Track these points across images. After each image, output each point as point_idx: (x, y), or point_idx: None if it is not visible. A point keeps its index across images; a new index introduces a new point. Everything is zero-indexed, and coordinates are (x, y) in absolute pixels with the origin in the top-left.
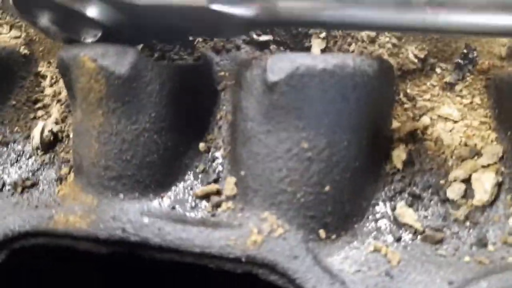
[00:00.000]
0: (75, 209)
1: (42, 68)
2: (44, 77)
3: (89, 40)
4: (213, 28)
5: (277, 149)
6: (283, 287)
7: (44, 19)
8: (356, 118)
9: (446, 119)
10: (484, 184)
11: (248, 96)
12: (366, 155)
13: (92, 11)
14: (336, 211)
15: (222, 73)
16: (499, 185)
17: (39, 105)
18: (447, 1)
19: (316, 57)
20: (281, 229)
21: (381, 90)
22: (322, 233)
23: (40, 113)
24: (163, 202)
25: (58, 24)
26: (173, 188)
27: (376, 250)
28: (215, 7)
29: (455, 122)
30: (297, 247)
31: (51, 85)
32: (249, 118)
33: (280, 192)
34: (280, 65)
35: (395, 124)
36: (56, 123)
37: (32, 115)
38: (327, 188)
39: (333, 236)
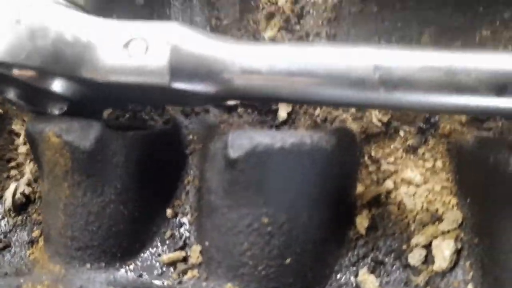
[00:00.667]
0: (42, 279)
1: (16, 126)
2: (18, 135)
3: (56, 112)
4: (176, 101)
5: (239, 224)
6: None
7: (11, 94)
8: (316, 192)
9: (409, 183)
10: (444, 252)
11: (211, 168)
12: (328, 225)
13: (56, 87)
14: (298, 282)
15: (191, 137)
16: (458, 251)
17: (12, 164)
18: (401, 82)
19: (274, 135)
20: None
21: (342, 161)
22: None
23: (13, 172)
24: (130, 271)
25: (24, 99)
26: (140, 255)
27: None
28: (176, 85)
29: (418, 186)
30: None
31: (24, 143)
32: (212, 190)
33: (242, 265)
34: (240, 142)
35: (360, 188)
36: (29, 184)
37: (5, 175)
38: (288, 260)
39: None
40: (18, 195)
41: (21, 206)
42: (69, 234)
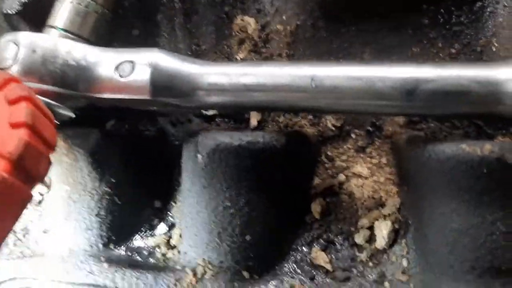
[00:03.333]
0: None
1: None
2: None
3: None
4: (160, 109)
5: (207, 207)
6: None
7: None
8: (271, 181)
9: (358, 176)
10: (383, 231)
11: (186, 162)
12: (285, 209)
13: (63, 101)
14: (258, 256)
15: (177, 142)
16: (395, 231)
17: None
18: (332, 89)
19: (233, 135)
20: (211, 271)
21: (295, 157)
22: (246, 274)
23: None
24: (123, 251)
25: None
26: (132, 239)
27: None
28: (156, 99)
29: (366, 178)
30: (223, 286)
31: None
32: (187, 181)
33: (210, 242)
34: (206, 141)
35: (317, 180)
36: None
37: None
38: (248, 237)
39: (256, 276)
40: None
41: None
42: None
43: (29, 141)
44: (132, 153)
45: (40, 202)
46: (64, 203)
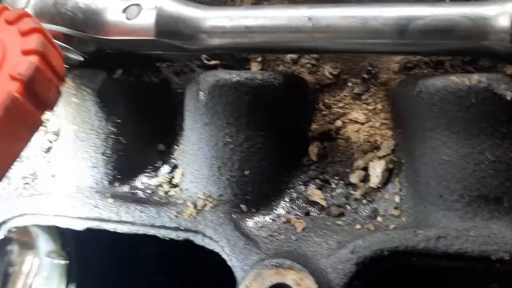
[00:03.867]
0: None
1: None
2: None
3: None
4: (164, 52)
5: (209, 143)
6: (212, 249)
7: None
8: (269, 119)
9: (355, 122)
10: (377, 170)
11: (188, 102)
12: (283, 150)
13: (73, 44)
14: (255, 191)
15: (179, 90)
16: (390, 171)
17: None
18: (328, 29)
19: (232, 73)
20: (211, 204)
21: (289, 98)
22: (243, 207)
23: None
24: (127, 189)
25: None
26: (136, 178)
27: (287, 222)
28: (161, 39)
29: (362, 124)
30: (222, 217)
31: None
32: (189, 120)
33: (210, 176)
34: (207, 78)
35: (314, 126)
36: None
37: None
38: (246, 172)
39: (253, 210)
40: None
41: None
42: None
43: (39, 66)
44: (137, 97)
45: (48, 149)
46: (72, 142)
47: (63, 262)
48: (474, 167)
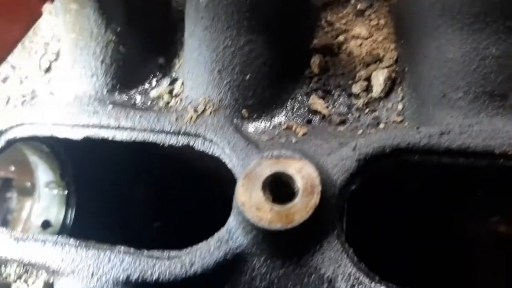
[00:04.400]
0: None
1: None
2: None
3: None
4: None
5: (208, 48)
6: (212, 153)
7: None
8: (269, 23)
9: (357, 37)
10: (379, 79)
11: (189, 6)
12: (285, 57)
13: None
14: (257, 97)
15: (180, 8)
16: (393, 80)
17: None
18: None
19: None
20: (211, 108)
21: (288, 9)
22: (245, 112)
23: None
24: (126, 98)
25: None
26: (135, 89)
27: (288, 128)
28: None
29: (364, 39)
30: (223, 121)
31: None
32: (190, 26)
33: (211, 81)
34: None
35: (316, 41)
36: None
37: None
38: (247, 77)
39: (254, 116)
40: None
41: None
42: None
43: None
44: (138, 9)
45: (47, 69)
46: (71, 51)
47: (61, 192)
48: (478, 63)
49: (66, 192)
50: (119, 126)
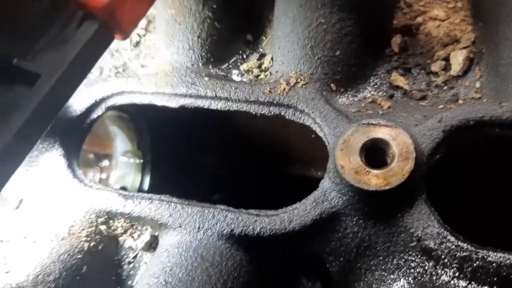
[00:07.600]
0: None
1: None
2: None
3: None
4: None
5: (301, 24)
6: (302, 122)
7: None
8: (358, 3)
9: (435, 19)
10: (458, 59)
11: None
12: (369, 37)
13: None
14: (344, 72)
15: None
16: (470, 60)
17: None
18: None
19: None
20: (302, 81)
21: None
22: (333, 86)
23: None
24: (218, 71)
25: None
26: (226, 63)
27: (373, 101)
28: None
29: (442, 21)
30: (314, 93)
31: None
32: (282, 6)
33: (303, 55)
34: None
35: (395, 22)
36: None
37: None
38: (337, 53)
39: (342, 90)
40: None
41: None
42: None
43: None
44: None
45: (137, 43)
46: (169, 25)
47: (138, 160)
48: None
49: (142, 161)
50: (216, 96)
